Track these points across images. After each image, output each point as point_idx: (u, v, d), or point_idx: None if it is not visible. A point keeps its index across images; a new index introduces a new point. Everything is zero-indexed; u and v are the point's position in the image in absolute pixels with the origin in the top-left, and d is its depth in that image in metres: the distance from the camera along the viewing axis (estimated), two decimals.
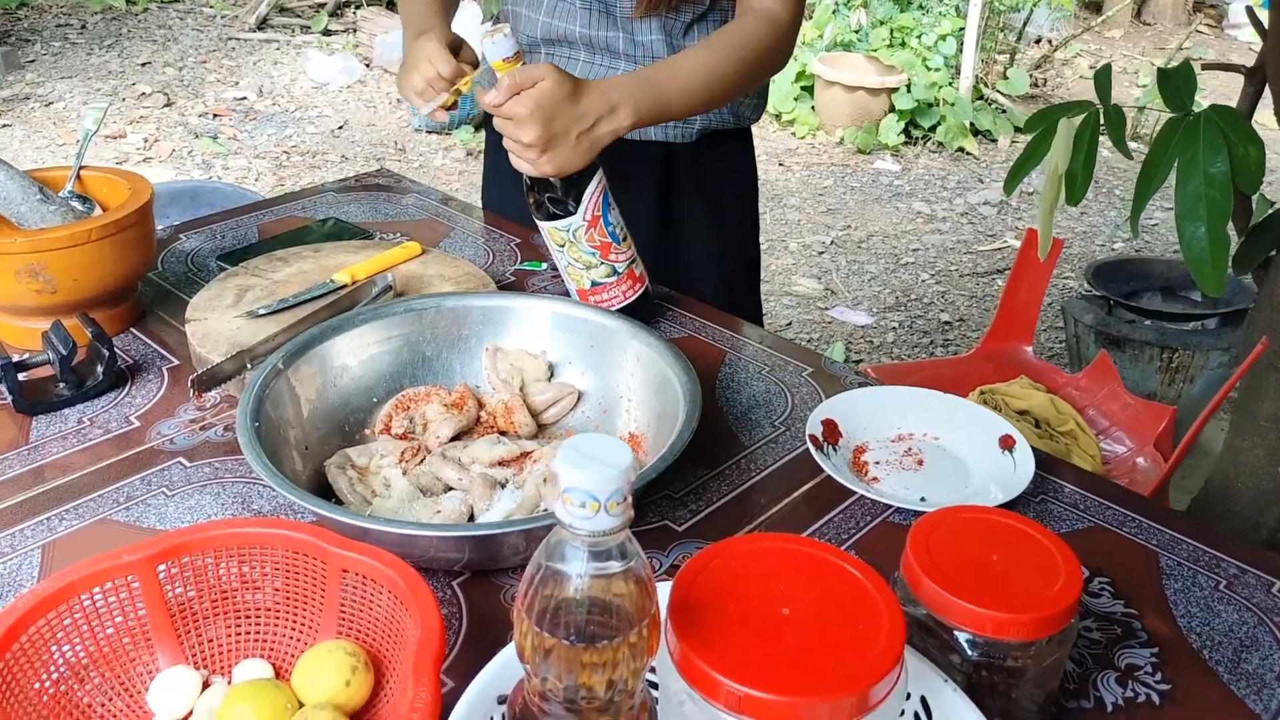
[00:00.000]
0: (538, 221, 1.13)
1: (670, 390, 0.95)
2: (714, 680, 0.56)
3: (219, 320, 1.15)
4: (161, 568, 0.74)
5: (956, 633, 0.68)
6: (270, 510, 0.93)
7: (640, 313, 1.16)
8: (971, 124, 4.71)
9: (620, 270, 1.13)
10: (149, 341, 1.19)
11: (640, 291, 1.16)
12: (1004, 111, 4.91)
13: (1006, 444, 1.01)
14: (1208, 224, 1.43)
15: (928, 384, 1.83)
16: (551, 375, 1.07)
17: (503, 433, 1.03)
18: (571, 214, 1.09)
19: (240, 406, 0.89)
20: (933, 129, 4.70)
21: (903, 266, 3.68)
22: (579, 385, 1.06)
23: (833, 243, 3.83)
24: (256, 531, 0.75)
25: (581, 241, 1.10)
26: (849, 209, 4.13)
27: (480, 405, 1.03)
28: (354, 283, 1.24)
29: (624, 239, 1.13)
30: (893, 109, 4.68)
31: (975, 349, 1.89)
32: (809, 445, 0.99)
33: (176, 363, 1.15)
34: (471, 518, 0.89)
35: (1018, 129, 4.86)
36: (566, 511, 0.50)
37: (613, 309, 1.11)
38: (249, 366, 1.05)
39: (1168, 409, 1.70)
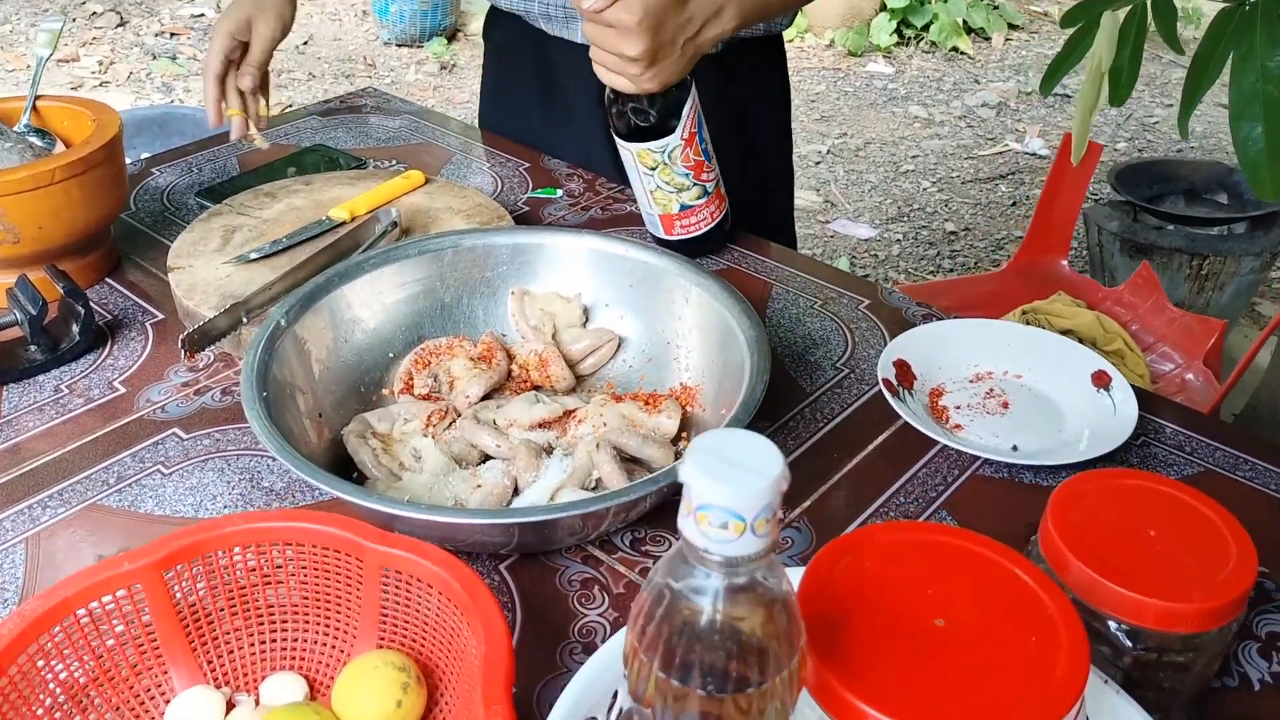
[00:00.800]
0: (622, 144, 1.01)
1: (729, 336, 0.84)
2: (862, 713, 0.46)
3: (206, 267, 1.02)
4: (170, 573, 0.63)
5: (1110, 622, 0.58)
6: (284, 488, 0.82)
7: (718, 239, 1.07)
8: (965, 21, 4.54)
9: (710, 190, 1.04)
10: (128, 294, 1.06)
11: (725, 211, 1.08)
12: (996, 7, 4.73)
13: (1101, 381, 0.90)
14: (1265, 123, 1.31)
15: (964, 305, 1.73)
16: (586, 320, 0.95)
17: (536, 387, 0.91)
18: (669, 132, 0.98)
19: (244, 374, 0.77)
20: (925, 28, 4.53)
21: (902, 175, 3.55)
22: (618, 331, 0.94)
23: (829, 152, 3.69)
24: (278, 526, 0.64)
25: (677, 162, 0.99)
26: (843, 115, 3.98)
27: (510, 358, 0.92)
28: (353, 219, 1.11)
29: (713, 155, 1.04)
30: (884, 7, 4.50)
31: (1007, 264, 1.79)
32: (883, 390, 0.89)
33: (160, 317, 1.02)
34: (516, 490, 0.78)
35: (1012, 25, 4.69)
36: (701, 533, 0.39)
37: (700, 233, 1.03)
38: (245, 321, 0.93)
39: (1217, 323, 1.60)
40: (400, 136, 1.41)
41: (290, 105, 3.88)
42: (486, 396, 0.87)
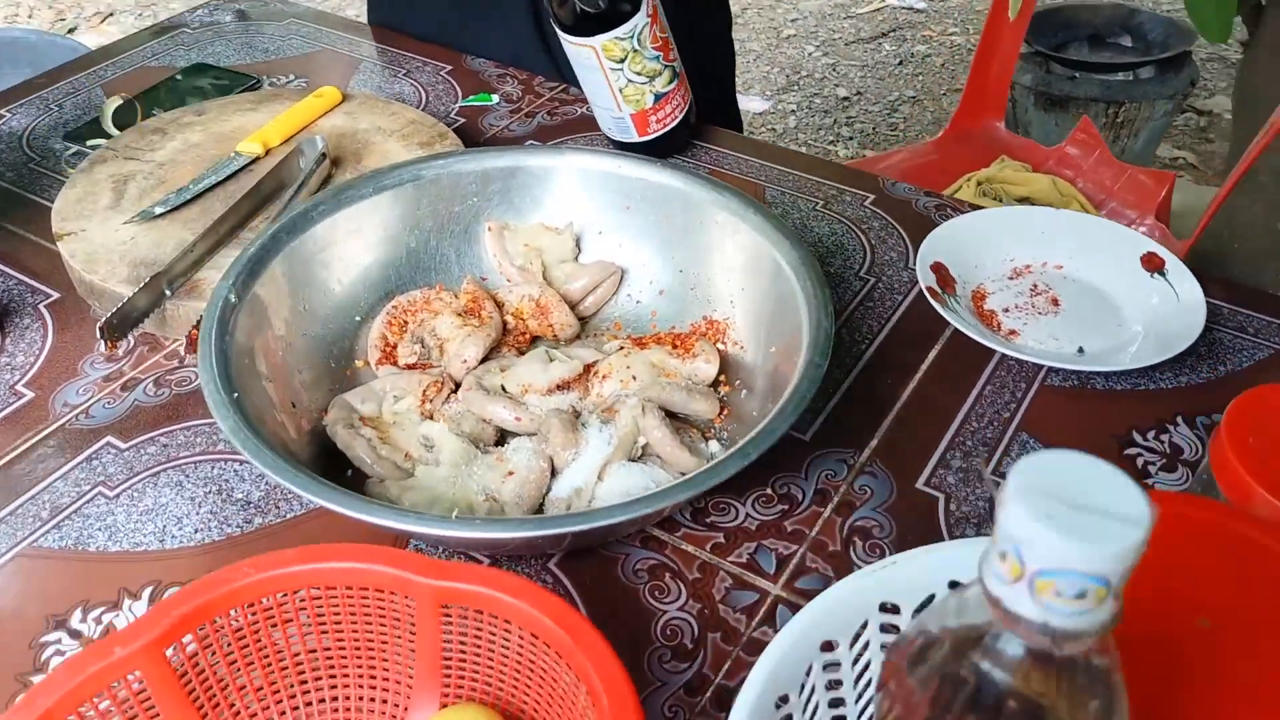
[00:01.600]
0: (576, 41, 0.88)
1: (760, 258, 0.73)
2: None
3: (102, 230, 0.84)
4: (173, 650, 0.50)
5: None
6: (263, 498, 0.68)
7: (684, 133, 0.98)
8: None
9: (678, 70, 0.93)
10: (9, 271, 0.87)
11: (690, 98, 0.96)
12: None
13: (1152, 265, 0.83)
14: None
15: (909, 178, 1.65)
16: (579, 253, 0.82)
17: (535, 338, 0.78)
18: (634, 11, 0.85)
19: (204, 372, 0.62)
20: None
21: (785, 40, 3.41)
22: (618, 261, 0.81)
23: None
24: (300, 570, 0.51)
25: (646, 46, 0.87)
26: None
27: (499, 306, 0.78)
28: (268, 153, 0.94)
29: (667, 25, 0.92)
30: None
31: (944, 130, 1.70)
32: (930, 300, 0.79)
33: (55, 295, 0.85)
34: (553, 470, 0.66)
35: None
36: (1040, 605, 0.29)
37: (673, 126, 0.92)
38: (169, 294, 0.77)
39: (1167, 175, 1.56)
40: (292, 45, 1.21)
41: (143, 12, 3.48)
42: (485, 358, 0.74)
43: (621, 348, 0.75)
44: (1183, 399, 0.75)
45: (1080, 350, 0.78)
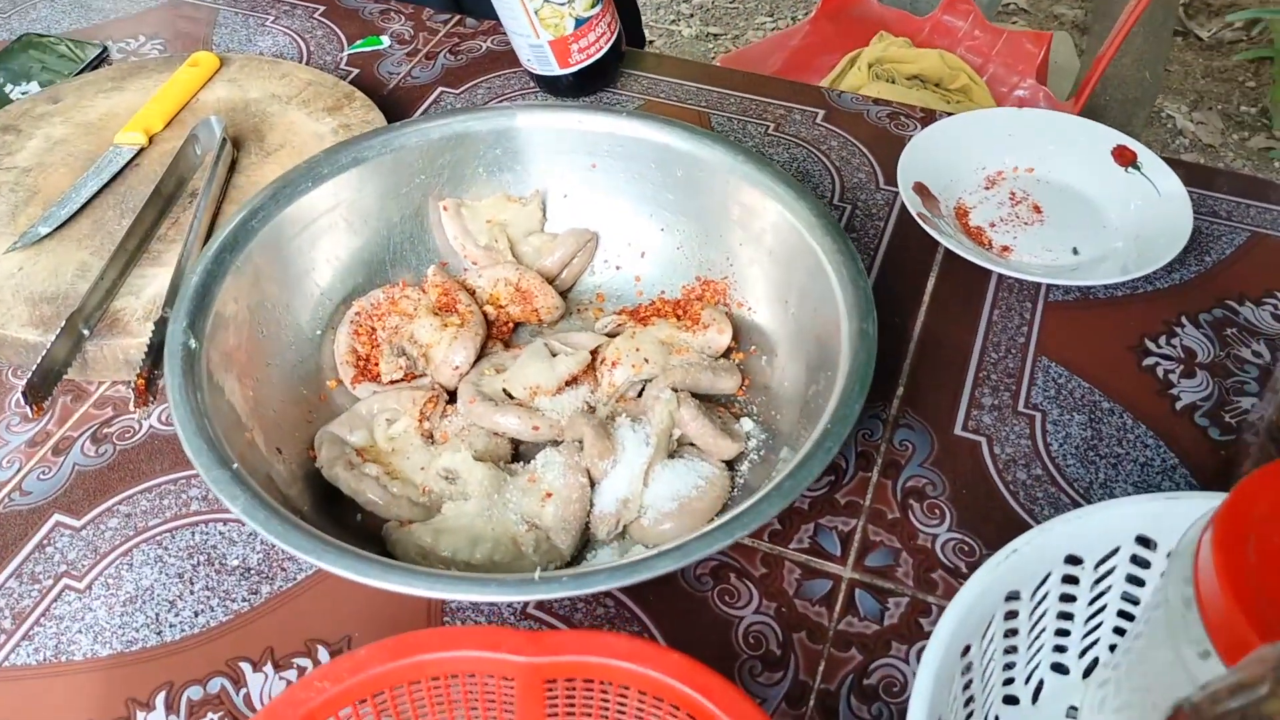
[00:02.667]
0: None
1: (756, 203, 0.67)
2: None
3: None
4: None
5: None
6: (262, 561, 0.60)
7: (615, 64, 0.89)
8: None
9: None
10: None
11: (618, 24, 0.88)
12: None
13: (1124, 159, 0.81)
14: None
15: (786, 68, 1.59)
16: (545, 222, 0.75)
17: (517, 324, 0.71)
18: None
19: (187, 442, 0.53)
20: None
21: None
22: (589, 226, 0.74)
23: None
24: (379, 673, 0.45)
25: None
26: None
27: (471, 294, 0.71)
28: (152, 141, 0.82)
29: None
30: None
31: (815, 12, 1.65)
32: (923, 227, 0.75)
33: None
34: (592, 484, 0.60)
35: None
36: None
37: (599, 56, 0.84)
38: (87, 334, 0.67)
39: (1044, 35, 1.56)
40: (130, 1, 1.05)
41: None
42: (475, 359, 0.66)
43: (620, 325, 0.69)
44: (1181, 298, 0.74)
45: (1075, 251, 0.76)
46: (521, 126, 0.72)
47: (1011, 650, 0.50)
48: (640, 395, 0.66)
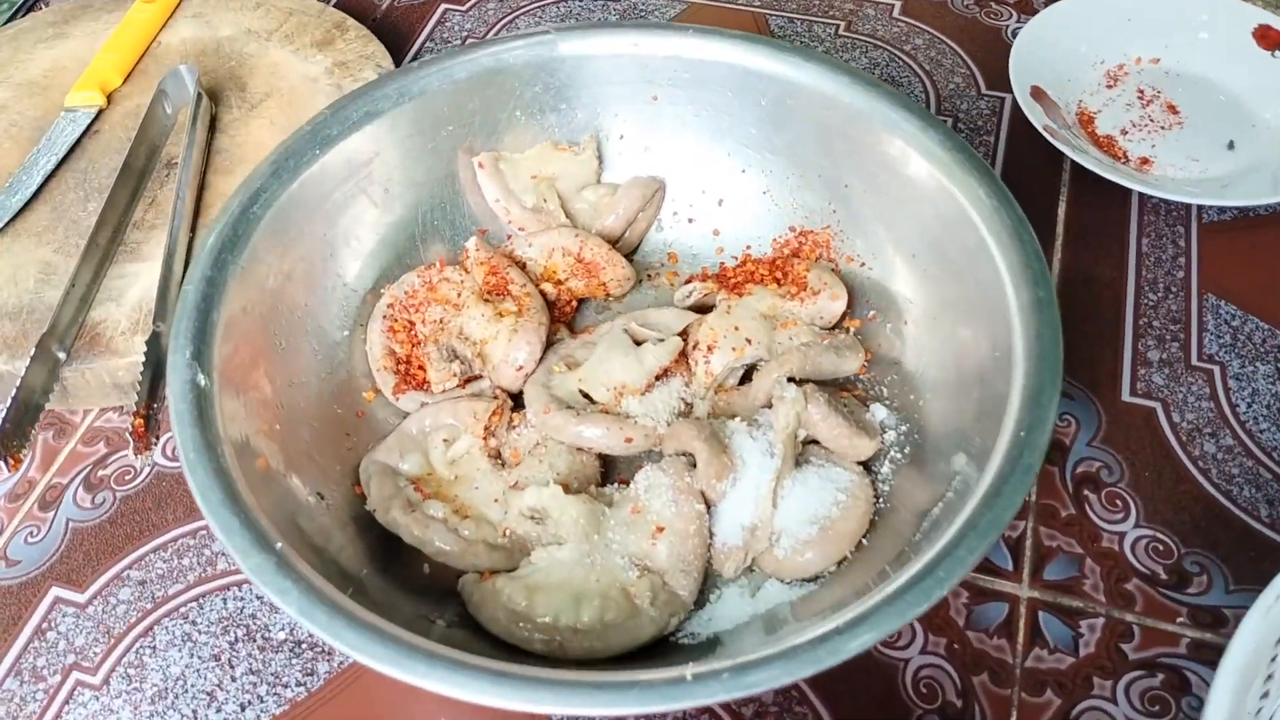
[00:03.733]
0: None
1: (870, 140, 0.55)
2: None
3: None
4: None
5: None
6: (308, 635, 0.49)
7: None
8: None
9: None
10: None
11: None
12: None
13: (1270, 40, 0.68)
14: None
15: None
16: (601, 172, 0.62)
17: (578, 303, 0.59)
18: None
19: (211, 515, 0.41)
20: None
21: None
22: (652, 172, 0.62)
23: None
24: None
25: None
26: None
27: (522, 268, 0.58)
28: (110, 101, 0.68)
29: None
30: None
31: None
32: (1050, 141, 0.63)
33: None
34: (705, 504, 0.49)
35: None
36: None
37: None
38: (63, 357, 0.54)
39: None
40: None
41: None
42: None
43: (707, 296, 0.57)
44: None
45: (1231, 145, 0.64)
46: (565, 55, 0.59)
47: None
48: (741, 384, 0.55)
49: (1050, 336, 0.45)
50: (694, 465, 0.50)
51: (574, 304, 0.59)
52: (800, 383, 0.52)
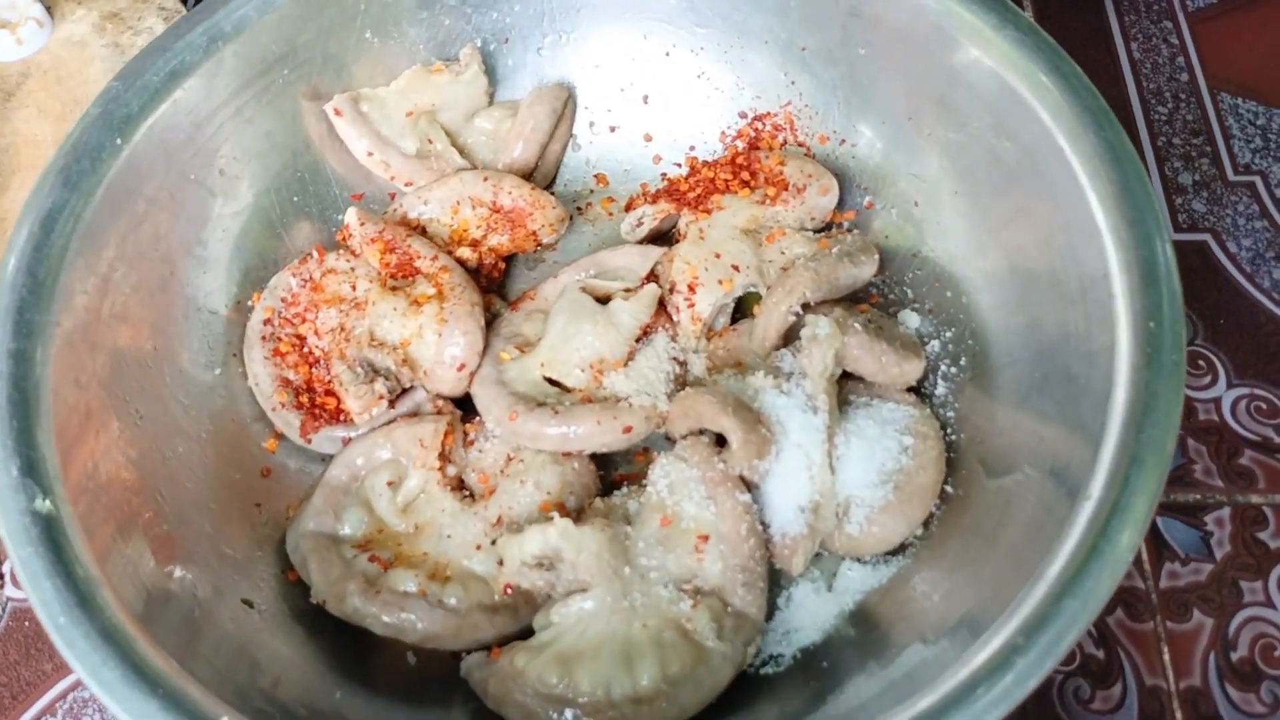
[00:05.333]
0: None
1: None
2: None
3: None
4: None
5: None
6: None
7: None
8: None
9: None
10: None
11: None
12: None
13: None
14: None
15: None
16: (493, 90, 0.49)
17: (502, 263, 0.47)
18: None
19: (90, 675, 0.29)
20: None
21: None
22: (558, 78, 0.49)
23: None
24: None
25: None
26: None
27: (424, 234, 0.45)
28: None
29: None
30: None
31: None
32: None
33: None
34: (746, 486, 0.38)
35: None
36: None
37: None
38: None
39: None
40: None
41: None
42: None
43: (663, 219, 0.45)
44: None
45: None
46: None
47: None
48: (736, 323, 0.44)
49: (1140, 190, 0.36)
50: (717, 442, 0.39)
51: (501, 265, 0.46)
52: (815, 309, 0.41)
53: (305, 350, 0.43)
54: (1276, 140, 0.49)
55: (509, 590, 0.37)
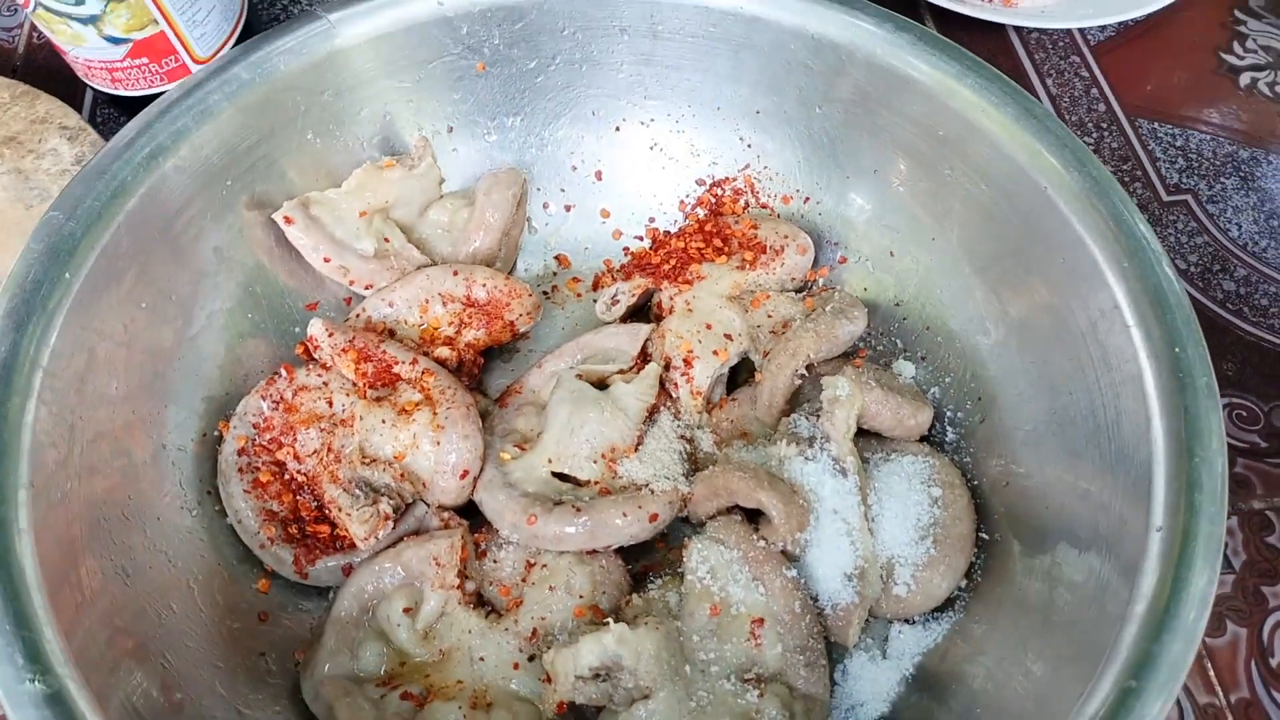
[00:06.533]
0: None
1: (765, 43, 0.43)
2: None
3: None
4: None
5: None
6: None
7: None
8: None
9: None
10: None
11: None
12: None
13: None
14: None
15: None
16: (444, 180, 0.47)
17: (480, 358, 0.44)
18: None
19: None
20: None
21: None
22: (508, 160, 0.48)
23: None
24: None
25: None
26: None
27: (393, 338, 0.43)
28: None
29: None
30: None
31: None
32: None
33: None
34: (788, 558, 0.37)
35: None
36: None
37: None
38: None
39: None
40: None
41: None
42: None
43: (639, 294, 0.44)
44: None
45: None
46: (350, 43, 0.43)
47: None
48: (732, 392, 0.43)
49: (1132, 220, 0.36)
50: (745, 517, 0.38)
51: (480, 361, 0.44)
52: (817, 369, 0.41)
53: (285, 478, 0.39)
54: (1196, 158, 0.52)
55: (562, 708, 0.35)
